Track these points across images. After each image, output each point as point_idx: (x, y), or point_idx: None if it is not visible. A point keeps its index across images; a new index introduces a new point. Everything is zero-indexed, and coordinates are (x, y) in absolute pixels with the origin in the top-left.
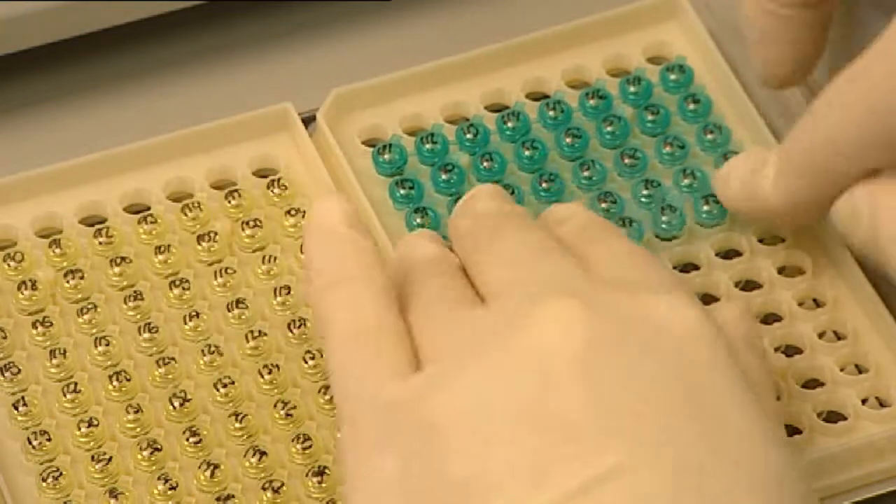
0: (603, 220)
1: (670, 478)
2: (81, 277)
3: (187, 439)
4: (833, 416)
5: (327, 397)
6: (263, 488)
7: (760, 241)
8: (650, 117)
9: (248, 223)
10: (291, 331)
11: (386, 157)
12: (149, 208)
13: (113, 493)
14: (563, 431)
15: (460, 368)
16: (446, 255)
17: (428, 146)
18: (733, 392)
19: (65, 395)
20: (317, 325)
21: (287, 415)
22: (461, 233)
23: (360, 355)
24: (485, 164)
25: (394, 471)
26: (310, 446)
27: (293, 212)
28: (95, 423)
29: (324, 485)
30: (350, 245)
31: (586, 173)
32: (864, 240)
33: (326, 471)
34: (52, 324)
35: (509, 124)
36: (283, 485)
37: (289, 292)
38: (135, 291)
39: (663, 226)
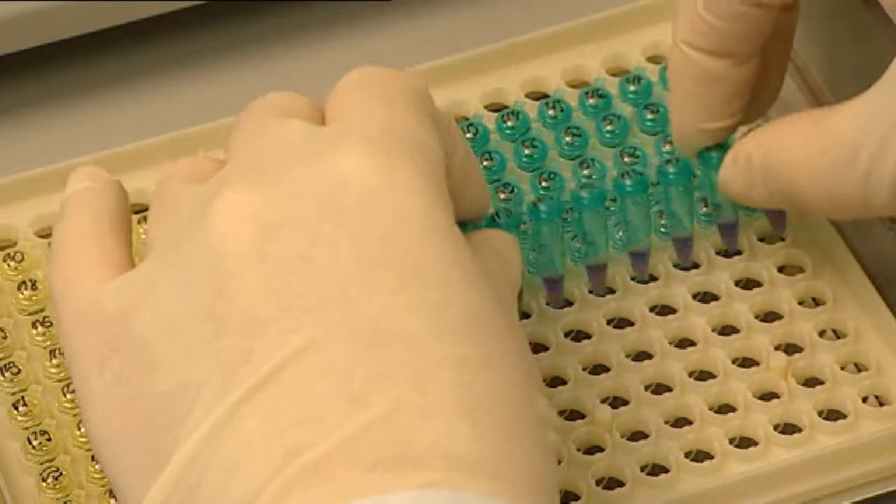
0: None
1: (359, 343)
2: None
3: None
4: (833, 415)
5: None
6: None
7: (761, 239)
8: (650, 116)
9: None
10: None
11: None
12: (148, 208)
13: (113, 493)
14: (246, 326)
15: (159, 275)
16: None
17: None
18: (424, 241)
19: (65, 395)
20: None
21: None
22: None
23: (68, 264)
24: (484, 162)
25: (109, 387)
26: None
27: None
28: None
29: None
30: (76, 186)
31: (586, 172)
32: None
33: None
34: (52, 324)
35: (509, 123)
36: None
37: None
38: None
39: (661, 230)
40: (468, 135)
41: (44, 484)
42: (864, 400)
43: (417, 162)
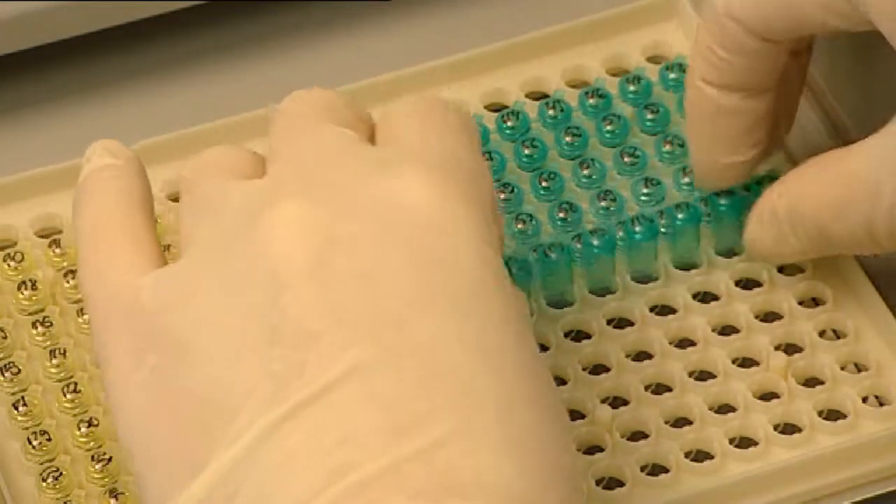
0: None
1: (410, 370)
2: None
3: None
4: (833, 415)
5: None
6: None
7: None
8: (650, 116)
9: None
10: None
11: None
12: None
13: (113, 493)
14: (299, 339)
15: (204, 275)
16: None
17: None
18: (477, 275)
19: (65, 395)
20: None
21: None
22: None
23: (100, 252)
24: None
25: (145, 383)
26: None
27: None
28: (95, 423)
29: None
30: (96, 167)
31: (586, 172)
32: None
33: None
34: (52, 324)
35: (509, 123)
36: None
37: None
38: None
39: (662, 230)
40: None
41: (44, 484)
42: (864, 400)
43: (472, 194)
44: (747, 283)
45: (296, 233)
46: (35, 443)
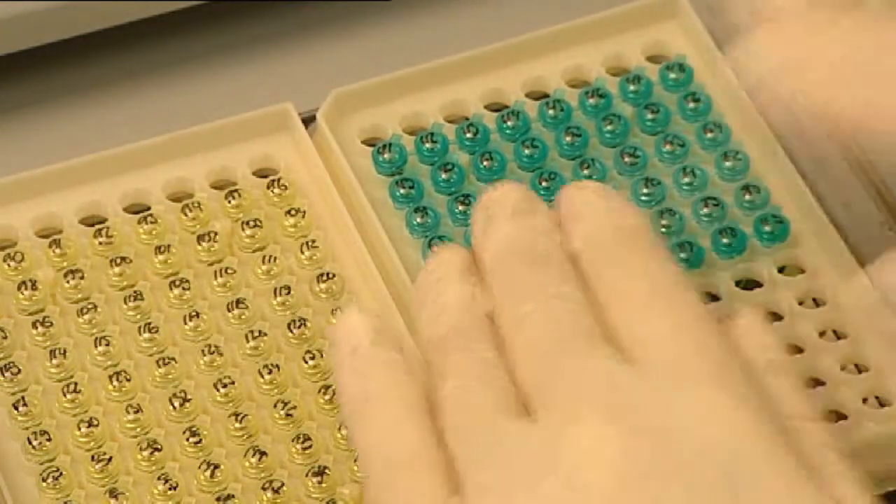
0: (621, 220)
1: None
2: (81, 277)
3: (187, 439)
4: (834, 416)
5: (327, 397)
6: (263, 488)
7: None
8: (650, 116)
9: (248, 223)
10: (291, 331)
11: (386, 156)
12: (149, 208)
13: (113, 493)
14: None
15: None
16: (473, 319)
17: (428, 145)
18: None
19: (65, 395)
20: (351, 445)
21: (287, 415)
22: (486, 267)
23: (399, 484)
24: (485, 163)
25: None
26: (310, 446)
27: (293, 212)
28: (95, 423)
29: (324, 485)
30: (377, 364)
31: (586, 172)
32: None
33: (326, 471)
34: (52, 324)
35: (509, 123)
36: (283, 485)
37: (289, 292)
38: (135, 291)
39: (662, 230)
40: (468, 135)
41: (44, 484)
42: (865, 401)
43: (754, 402)
44: (747, 284)
45: (600, 463)
46: (35, 443)
